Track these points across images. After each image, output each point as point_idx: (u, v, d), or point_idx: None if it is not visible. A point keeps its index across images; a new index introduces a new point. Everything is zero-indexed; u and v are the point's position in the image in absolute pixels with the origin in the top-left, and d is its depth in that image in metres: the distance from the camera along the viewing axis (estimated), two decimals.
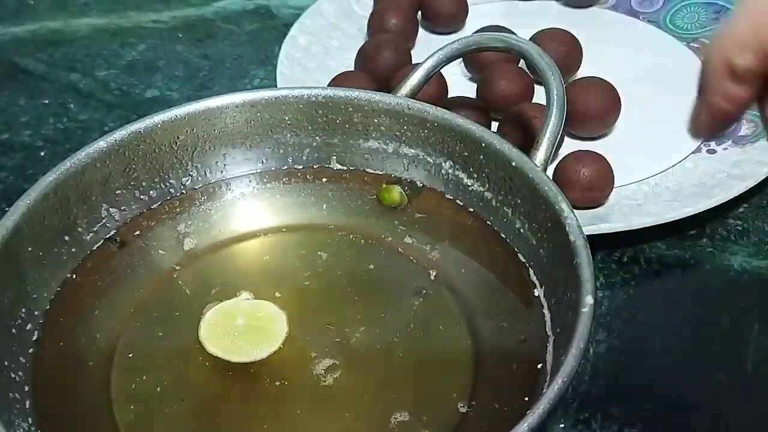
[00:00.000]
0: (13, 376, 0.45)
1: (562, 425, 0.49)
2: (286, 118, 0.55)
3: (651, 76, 0.71)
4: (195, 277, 0.51)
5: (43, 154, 0.68)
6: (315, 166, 0.56)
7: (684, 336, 0.54)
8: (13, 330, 0.46)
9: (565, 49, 0.68)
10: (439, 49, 0.56)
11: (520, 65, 0.67)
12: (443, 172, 0.53)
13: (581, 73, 0.69)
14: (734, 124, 0.62)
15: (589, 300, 0.42)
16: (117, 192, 0.52)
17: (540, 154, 0.50)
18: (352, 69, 0.69)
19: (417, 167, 0.54)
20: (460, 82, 0.70)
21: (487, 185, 0.52)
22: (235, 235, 0.53)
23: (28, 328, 0.47)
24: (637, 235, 0.58)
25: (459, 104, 0.63)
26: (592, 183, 0.58)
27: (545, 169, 0.50)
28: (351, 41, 0.74)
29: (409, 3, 0.74)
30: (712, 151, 0.63)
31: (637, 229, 0.57)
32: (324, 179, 0.55)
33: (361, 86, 0.61)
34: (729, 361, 0.52)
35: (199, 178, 0.55)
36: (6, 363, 0.45)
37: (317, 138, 0.55)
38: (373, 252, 0.52)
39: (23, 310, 0.47)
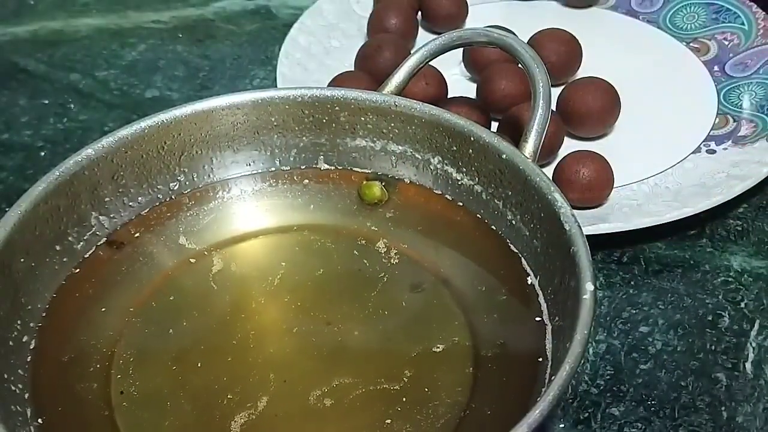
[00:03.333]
0: (13, 388, 0.44)
1: (562, 425, 0.49)
2: (272, 119, 0.54)
3: (651, 76, 0.71)
4: (186, 283, 0.51)
5: (43, 154, 0.68)
6: (302, 167, 0.55)
7: (684, 336, 0.54)
8: (10, 342, 0.46)
9: (565, 49, 0.68)
10: (423, 46, 0.55)
11: (520, 65, 0.67)
12: (432, 167, 0.53)
13: (581, 73, 0.69)
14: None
15: (589, 287, 0.42)
16: (106, 200, 0.52)
17: (529, 146, 0.50)
18: (352, 69, 0.69)
19: (405, 164, 0.54)
20: (460, 82, 0.70)
21: (476, 179, 0.52)
22: (224, 238, 0.53)
23: (24, 339, 0.47)
24: (637, 235, 0.58)
25: (459, 104, 0.63)
26: (592, 183, 0.58)
27: (535, 160, 0.50)
28: (351, 41, 0.74)
29: (409, 3, 0.74)
30: (711, 151, 0.63)
31: (637, 229, 0.57)
32: (311, 179, 0.55)
33: (361, 86, 0.61)
34: (729, 361, 0.52)
35: (187, 183, 0.54)
36: (5, 376, 0.45)
37: (304, 138, 0.55)
38: (364, 250, 0.52)
39: (18, 322, 0.47)
